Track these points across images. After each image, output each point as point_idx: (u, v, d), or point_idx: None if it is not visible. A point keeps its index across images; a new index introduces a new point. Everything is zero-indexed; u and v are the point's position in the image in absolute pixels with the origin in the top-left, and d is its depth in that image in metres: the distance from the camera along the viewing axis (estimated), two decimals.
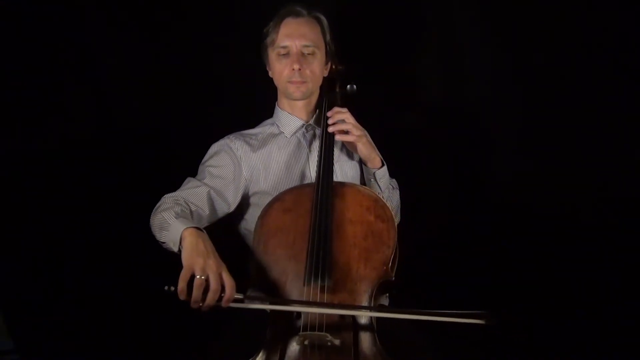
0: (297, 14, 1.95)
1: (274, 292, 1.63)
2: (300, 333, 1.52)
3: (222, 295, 1.49)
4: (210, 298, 1.47)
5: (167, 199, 1.75)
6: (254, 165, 1.94)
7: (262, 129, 2.04)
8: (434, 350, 1.73)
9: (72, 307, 2.25)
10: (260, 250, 1.69)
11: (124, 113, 2.40)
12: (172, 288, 1.45)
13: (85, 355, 2.22)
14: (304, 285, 1.59)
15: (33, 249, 2.25)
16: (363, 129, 1.92)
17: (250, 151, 1.95)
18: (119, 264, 2.29)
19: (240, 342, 1.68)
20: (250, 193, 1.94)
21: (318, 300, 1.56)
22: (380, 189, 1.94)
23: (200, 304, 1.47)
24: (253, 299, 1.60)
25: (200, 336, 2.00)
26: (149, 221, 1.74)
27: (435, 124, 2.52)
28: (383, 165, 1.95)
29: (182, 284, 1.45)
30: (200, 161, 1.98)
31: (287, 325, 1.58)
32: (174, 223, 1.60)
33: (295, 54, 1.91)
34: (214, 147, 1.98)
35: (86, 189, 2.33)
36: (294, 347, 1.54)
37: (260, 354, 1.54)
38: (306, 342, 1.52)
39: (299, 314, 1.58)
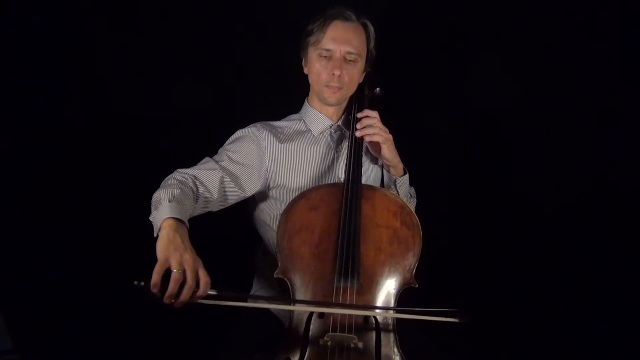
0: (346, 18, 1.91)
1: (298, 289, 1.60)
2: (329, 334, 1.49)
3: (196, 291, 1.44)
4: (185, 294, 1.41)
5: (176, 175, 1.71)
6: (278, 158, 1.91)
7: (289, 123, 2.02)
8: (437, 350, 1.71)
9: (73, 306, 2.22)
10: (284, 245, 1.66)
11: (135, 103, 2.39)
12: (142, 283, 1.39)
13: (86, 356, 2.18)
14: (330, 285, 1.57)
15: (33, 248, 2.21)
16: (389, 133, 1.91)
17: (276, 143, 1.92)
18: (119, 262, 2.25)
19: (254, 339, 1.66)
20: (270, 185, 1.91)
21: (341, 302, 1.54)
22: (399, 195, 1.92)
23: (173, 300, 1.41)
24: (227, 297, 1.51)
25: (213, 334, 1.96)
26: (149, 221, 1.70)
27: (453, 128, 2.56)
28: (405, 173, 1.94)
29: (156, 277, 1.39)
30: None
31: (312, 325, 1.54)
32: (164, 206, 1.54)
33: (338, 59, 1.88)
34: (239, 133, 1.95)
35: (86, 188, 2.31)
36: (316, 347, 1.50)
37: (280, 353, 1.51)
38: (329, 343, 1.49)
39: (323, 314, 1.55)
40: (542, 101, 2.50)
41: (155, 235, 1.52)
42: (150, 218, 1.59)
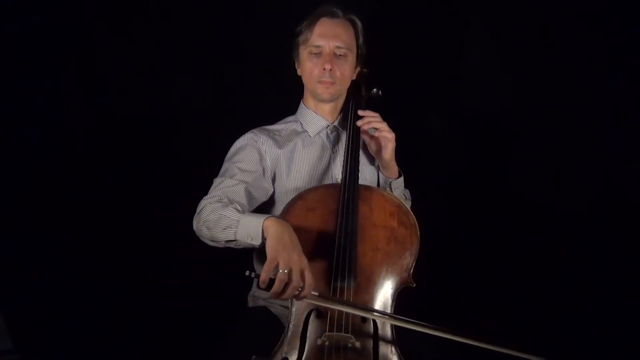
0: (333, 15, 1.93)
1: None
2: (326, 333, 1.50)
3: (299, 290, 1.47)
4: (289, 293, 1.45)
5: (211, 200, 1.70)
6: (278, 160, 1.91)
7: (285, 126, 2.02)
8: (435, 350, 1.69)
9: (73, 306, 2.23)
10: None
11: (135, 104, 2.40)
12: (253, 274, 1.48)
13: (86, 356, 2.18)
14: (327, 285, 1.57)
15: (33, 248, 2.22)
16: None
17: (274, 146, 1.92)
18: (119, 262, 2.27)
19: (254, 339, 1.65)
20: (273, 186, 1.92)
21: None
22: None
23: (277, 296, 1.46)
24: (326, 298, 1.55)
25: (212, 334, 1.96)
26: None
27: (453, 129, 2.57)
28: (400, 175, 1.94)
29: (265, 275, 1.43)
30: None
31: (310, 325, 1.54)
32: (244, 218, 1.58)
33: (328, 54, 1.89)
34: (239, 143, 1.94)
35: (86, 188, 2.32)
36: (314, 347, 1.50)
37: (278, 353, 1.51)
38: (327, 343, 1.49)
39: (322, 313, 1.55)
40: (542, 101, 2.50)
41: (258, 244, 1.56)
42: (231, 237, 1.60)
